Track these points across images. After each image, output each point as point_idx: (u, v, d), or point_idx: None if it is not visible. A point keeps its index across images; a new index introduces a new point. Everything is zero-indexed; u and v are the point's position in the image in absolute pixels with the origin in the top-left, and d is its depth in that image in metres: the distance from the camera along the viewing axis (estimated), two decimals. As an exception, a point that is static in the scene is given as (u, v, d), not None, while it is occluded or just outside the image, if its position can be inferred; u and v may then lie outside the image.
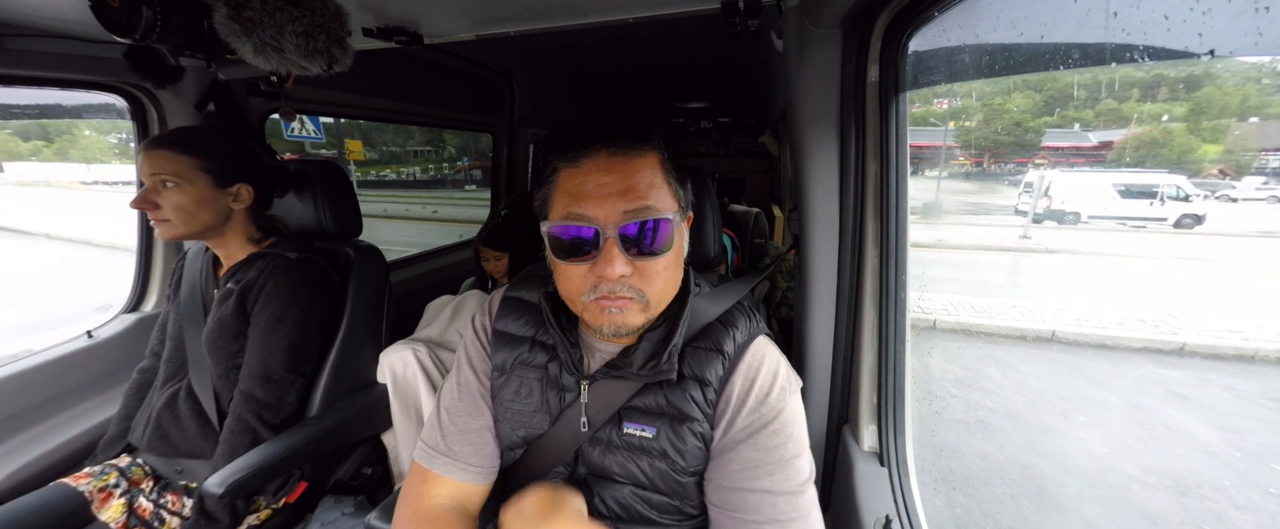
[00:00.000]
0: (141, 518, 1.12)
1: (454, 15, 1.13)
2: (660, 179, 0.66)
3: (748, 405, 0.70)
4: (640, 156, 0.65)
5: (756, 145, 4.68)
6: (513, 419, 0.78)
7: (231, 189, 1.15)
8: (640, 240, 0.64)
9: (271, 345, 1.15)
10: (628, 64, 2.42)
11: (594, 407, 0.74)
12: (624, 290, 0.65)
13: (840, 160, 0.95)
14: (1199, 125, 2.87)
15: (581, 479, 0.76)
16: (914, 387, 0.97)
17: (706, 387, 0.72)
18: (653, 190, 0.64)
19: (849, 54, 0.90)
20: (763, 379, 0.72)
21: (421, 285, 2.38)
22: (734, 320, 0.77)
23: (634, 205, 0.63)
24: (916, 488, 0.92)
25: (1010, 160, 4.54)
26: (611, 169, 0.64)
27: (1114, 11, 0.61)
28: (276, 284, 1.16)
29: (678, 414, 0.72)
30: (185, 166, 1.09)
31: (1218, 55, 0.55)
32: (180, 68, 1.37)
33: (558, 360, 0.76)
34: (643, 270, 0.65)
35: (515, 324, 0.81)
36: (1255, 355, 3.20)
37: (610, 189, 0.63)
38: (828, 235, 1.00)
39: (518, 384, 0.78)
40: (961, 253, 5.93)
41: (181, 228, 1.11)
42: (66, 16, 1.03)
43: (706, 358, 0.73)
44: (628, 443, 0.73)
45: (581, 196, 0.64)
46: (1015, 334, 4.04)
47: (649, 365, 0.71)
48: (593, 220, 0.63)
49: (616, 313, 0.66)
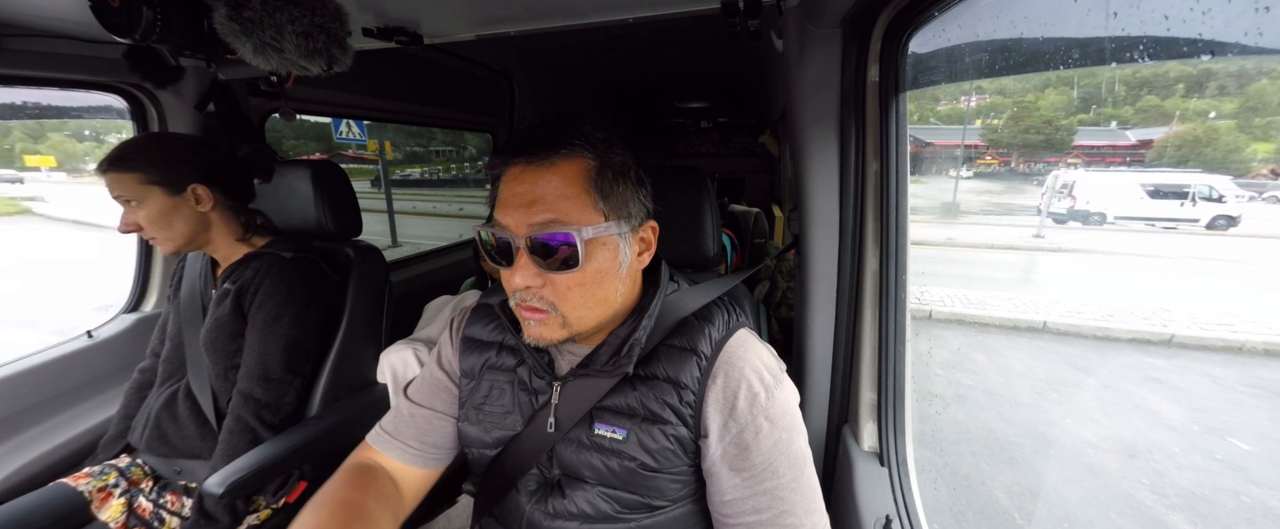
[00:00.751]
0: (141, 518, 1.12)
1: (454, 15, 1.13)
2: (578, 190, 0.64)
3: (738, 408, 0.69)
4: (551, 167, 0.63)
5: (756, 145, 4.68)
6: (485, 421, 0.78)
7: (185, 194, 1.13)
8: (548, 253, 0.63)
9: (269, 345, 1.15)
10: (628, 64, 2.42)
11: (565, 407, 0.73)
12: (534, 301, 0.65)
13: (840, 160, 0.95)
14: (1250, 122, 2.80)
15: (555, 482, 0.76)
16: (914, 386, 0.97)
17: (682, 390, 0.70)
18: (564, 202, 0.63)
19: (849, 54, 0.90)
20: (749, 377, 0.70)
21: (422, 285, 2.38)
22: (711, 316, 0.75)
23: (538, 218, 0.62)
24: (917, 488, 0.92)
25: (1041, 159, 4.47)
26: (523, 178, 0.64)
27: (1114, 11, 0.61)
28: (272, 284, 1.16)
29: (649, 415, 0.71)
30: (133, 184, 1.08)
31: (1218, 55, 0.55)
32: (180, 68, 1.37)
33: (526, 364, 0.77)
34: (553, 284, 0.65)
35: (484, 330, 0.82)
36: (1243, 347, 3.24)
37: (521, 199, 0.63)
38: (828, 235, 1.00)
39: (488, 387, 0.79)
40: (974, 251, 5.97)
41: (170, 242, 1.13)
42: (66, 17, 1.04)
43: (680, 359, 0.71)
44: (597, 444, 0.72)
45: (500, 204, 0.65)
46: (1007, 324, 4.12)
47: (611, 361, 0.71)
48: (504, 228, 0.64)
49: (535, 325, 0.67)
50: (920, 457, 0.97)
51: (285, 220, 1.33)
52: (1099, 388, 3.16)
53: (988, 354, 3.74)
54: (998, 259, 5.82)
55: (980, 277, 5.44)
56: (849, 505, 0.94)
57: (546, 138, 0.64)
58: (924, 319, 4.29)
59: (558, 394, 0.74)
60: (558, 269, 0.64)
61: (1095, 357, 3.56)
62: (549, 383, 0.75)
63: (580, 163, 0.65)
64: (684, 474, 0.72)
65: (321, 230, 1.33)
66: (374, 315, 1.39)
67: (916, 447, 0.96)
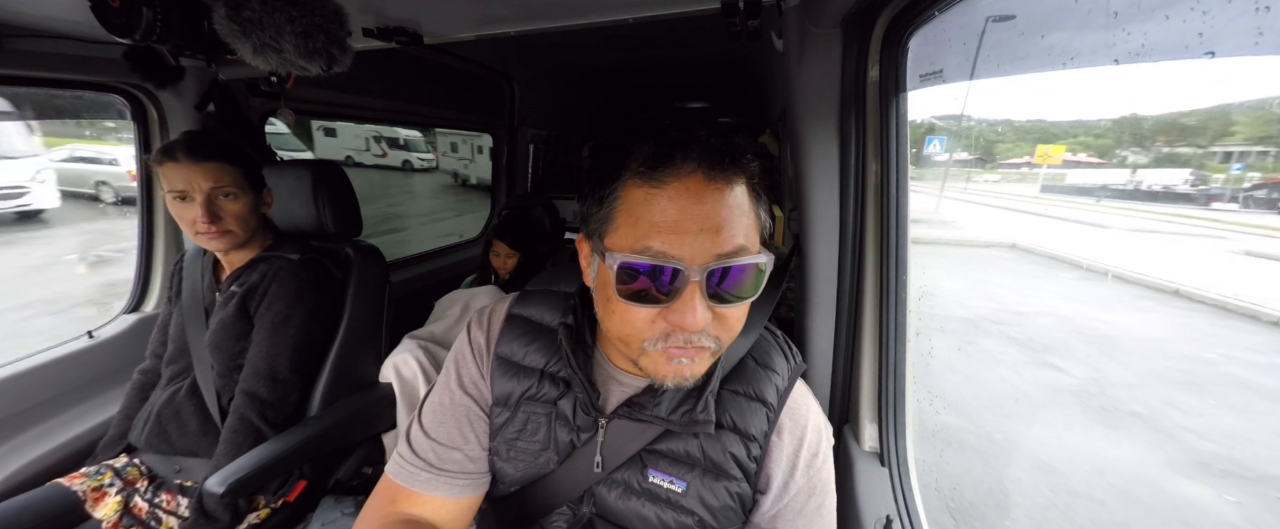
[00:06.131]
0: (137, 517, 1.12)
1: (454, 15, 1.13)
2: (751, 211, 0.55)
3: (799, 468, 0.64)
4: (735, 183, 0.53)
5: (756, 145, 4.67)
6: (516, 458, 0.69)
7: (262, 194, 1.20)
8: (725, 283, 0.53)
9: (278, 346, 1.15)
10: (628, 64, 2.42)
11: (610, 446, 0.65)
12: (701, 340, 0.54)
13: (840, 160, 0.95)
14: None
15: (586, 521, 0.68)
16: (915, 386, 0.97)
17: (750, 442, 0.64)
18: (743, 226, 0.53)
19: (849, 54, 0.89)
20: (810, 436, 0.65)
21: (422, 285, 2.38)
22: (771, 361, 0.69)
23: (729, 247, 0.51)
24: (917, 488, 0.92)
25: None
26: (705, 197, 0.51)
27: (1114, 11, 0.61)
28: (280, 285, 1.16)
29: (713, 468, 0.63)
30: (239, 177, 1.12)
31: (1218, 55, 0.55)
32: (180, 68, 1.37)
33: (571, 396, 0.67)
34: (722, 318, 0.55)
35: (523, 350, 0.70)
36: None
37: (703, 223, 0.51)
38: (828, 235, 1.00)
39: (523, 421, 0.68)
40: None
41: (240, 237, 1.15)
42: (67, 17, 1.04)
43: (748, 408, 0.64)
44: (651, 493, 0.64)
45: (664, 228, 0.51)
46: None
47: (680, 411, 0.62)
48: (676, 259, 0.51)
49: (686, 364, 0.55)
50: (922, 457, 0.96)
51: (286, 221, 1.33)
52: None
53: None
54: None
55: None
56: (849, 505, 0.94)
57: (727, 146, 0.53)
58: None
59: (604, 432, 0.65)
60: (733, 301, 0.54)
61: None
62: (595, 421, 0.66)
63: (748, 178, 0.55)
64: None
65: (322, 231, 1.33)
66: (374, 315, 1.39)
67: (916, 447, 0.96)
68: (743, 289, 0.54)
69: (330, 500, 1.24)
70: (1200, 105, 9.86)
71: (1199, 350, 3.32)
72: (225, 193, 1.11)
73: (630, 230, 0.53)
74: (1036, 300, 4.33)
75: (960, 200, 6.29)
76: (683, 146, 0.52)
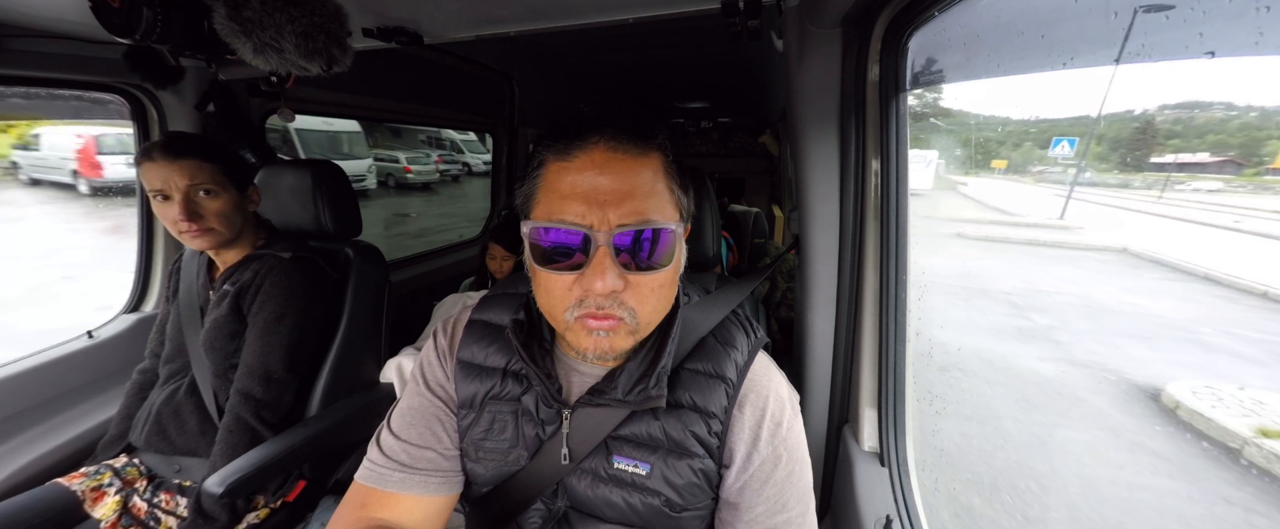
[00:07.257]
0: (136, 517, 1.12)
1: (454, 15, 1.13)
2: (662, 185, 0.58)
3: (762, 438, 0.65)
4: (643, 156, 0.57)
5: (756, 145, 4.68)
6: (486, 458, 0.70)
7: (247, 193, 1.18)
8: (636, 252, 0.56)
9: (271, 345, 1.15)
10: (628, 64, 2.42)
11: (577, 436, 0.67)
12: (614, 308, 0.57)
13: (840, 160, 0.95)
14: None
15: (561, 514, 0.70)
16: (915, 386, 0.97)
17: (711, 418, 0.65)
18: (653, 197, 0.57)
19: (849, 53, 0.90)
20: (773, 406, 0.67)
21: (422, 285, 2.38)
22: (732, 338, 0.71)
23: (634, 217, 0.55)
24: (917, 488, 0.92)
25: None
26: (609, 167, 0.55)
27: (1114, 11, 0.61)
28: (273, 284, 1.16)
29: (675, 448, 0.65)
30: (217, 173, 1.11)
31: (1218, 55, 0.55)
32: (180, 68, 1.37)
33: (533, 391, 0.69)
34: (636, 286, 0.57)
35: (483, 352, 0.72)
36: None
37: (607, 190, 0.55)
38: (828, 235, 1.00)
39: (489, 420, 0.70)
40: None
41: (224, 235, 1.13)
42: (67, 17, 1.04)
43: (707, 386, 0.66)
44: (617, 478, 0.66)
45: (572, 195, 0.55)
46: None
47: (636, 390, 0.63)
48: (583, 224, 0.55)
49: (603, 336, 0.58)
50: (921, 457, 0.96)
51: (285, 220, 1.33)
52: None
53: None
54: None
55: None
56: (849, 505, 0.94)
57: (633, 124, 0.57)
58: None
59: (568, 422, 0.67)
60: (645, 269, 0.57)
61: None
62: (558, 412, 0.68)
63: (660, 154, 0.59)
64: (705, 511, 0.68)
65: (321, 230, 1.33)
66: (374, 316, 1.39)
67: (916, 447, 0.96)
68: (658, 259, 0.58)
69: (330, 500, 1.24)
70: None
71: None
72: (204, 189, 1.09)
73: (546, 204, 0.58)
74: (1082, 287, 4.27)
75: (1155, 215, 5.16)
76: (592, 123, 0.57)
